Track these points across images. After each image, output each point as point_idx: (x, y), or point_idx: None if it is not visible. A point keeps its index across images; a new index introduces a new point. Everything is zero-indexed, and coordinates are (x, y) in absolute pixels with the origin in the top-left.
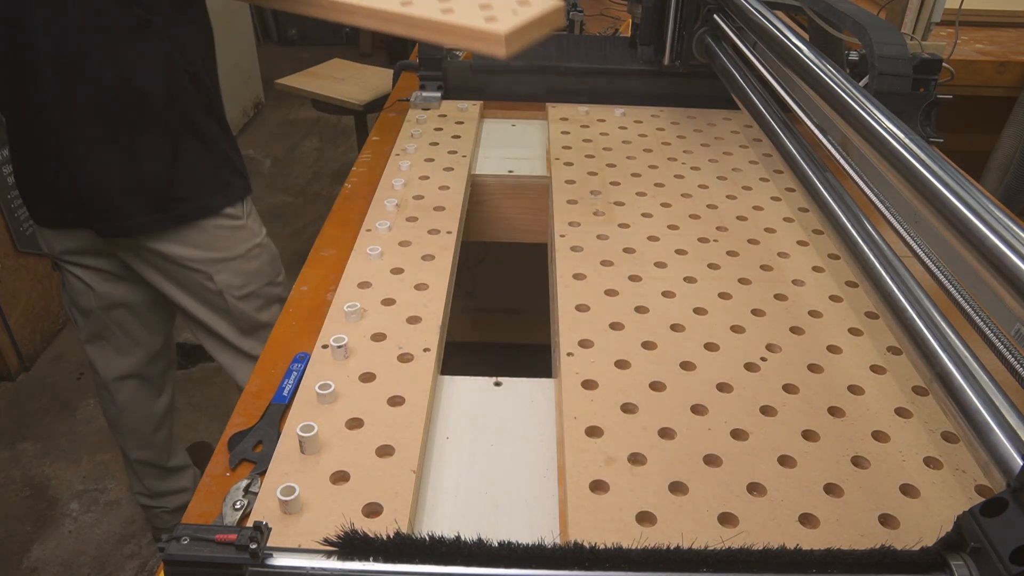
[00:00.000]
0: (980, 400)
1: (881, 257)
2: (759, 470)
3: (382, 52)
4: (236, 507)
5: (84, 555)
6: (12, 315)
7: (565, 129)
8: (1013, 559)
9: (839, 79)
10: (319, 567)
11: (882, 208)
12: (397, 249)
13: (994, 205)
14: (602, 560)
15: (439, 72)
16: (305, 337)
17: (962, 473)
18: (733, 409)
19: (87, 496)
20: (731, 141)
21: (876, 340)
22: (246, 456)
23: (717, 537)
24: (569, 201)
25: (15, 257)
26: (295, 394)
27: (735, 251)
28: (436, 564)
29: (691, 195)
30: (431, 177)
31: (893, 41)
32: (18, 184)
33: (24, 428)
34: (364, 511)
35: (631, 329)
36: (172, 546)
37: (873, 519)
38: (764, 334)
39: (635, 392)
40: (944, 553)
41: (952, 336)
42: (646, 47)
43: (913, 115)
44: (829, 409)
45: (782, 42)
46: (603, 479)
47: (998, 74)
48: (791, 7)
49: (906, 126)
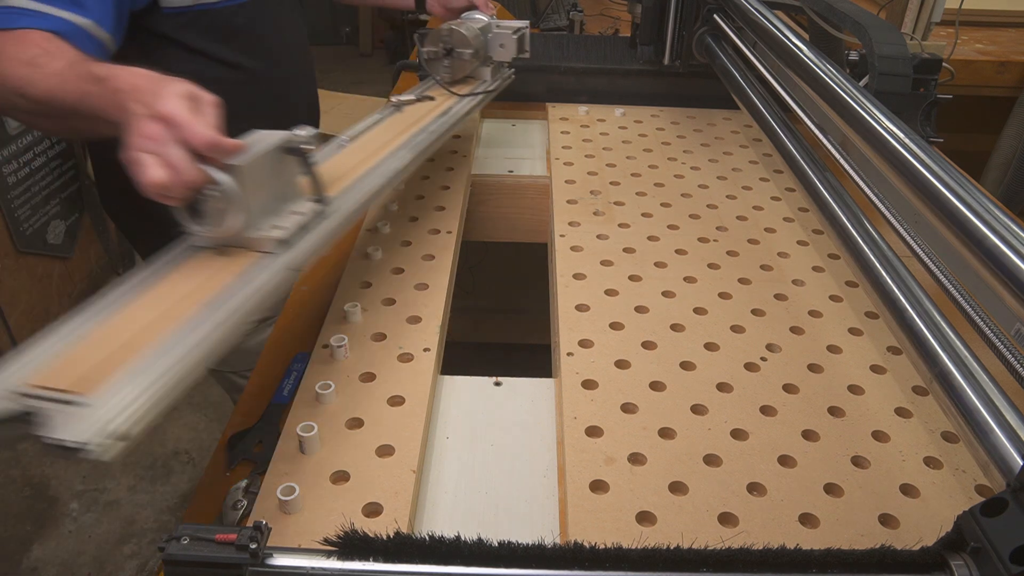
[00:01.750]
0: (980, 400)
1: (881, 257)
2: (759, 470)
3: (382, 52)
4: (236, 507)
5: (84, 555)
6: (12, 315)
7: (565, 129)
8: (1013, 559)
9: (839, 79)
10: (319, 567)
11: (882, 208)
12: (397, 249)
13: (994, 205)
14: (602, 560)
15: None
16: (305, 337)
17: (962, 473)
18: (733, 409)
19: (87, 496)
20: (731, 141)
21: (876, 340)
22: (246, 456)
23: (717, 537)
24: (569, 201)
25: (15, 257)
26: (295, 394)
27: (735, 251)
28: (436, 564)
29: (691, 195)
30: (431, 177)
31: (893, 41)
32: None
33: None
34: (364, 511)
35: (631, 329)
36: (172, 546)
37: (873, 519)
38: (764, 334)
39: (635, 392)
40: (944, 553)
41: (952, 336)
42: (646, 47)
43: (913, 115)
44: (829, 409)
45: (782, 42)
46: (603, 479)
47: (998, 74)
48: (791, 7)
49: (906, 126)
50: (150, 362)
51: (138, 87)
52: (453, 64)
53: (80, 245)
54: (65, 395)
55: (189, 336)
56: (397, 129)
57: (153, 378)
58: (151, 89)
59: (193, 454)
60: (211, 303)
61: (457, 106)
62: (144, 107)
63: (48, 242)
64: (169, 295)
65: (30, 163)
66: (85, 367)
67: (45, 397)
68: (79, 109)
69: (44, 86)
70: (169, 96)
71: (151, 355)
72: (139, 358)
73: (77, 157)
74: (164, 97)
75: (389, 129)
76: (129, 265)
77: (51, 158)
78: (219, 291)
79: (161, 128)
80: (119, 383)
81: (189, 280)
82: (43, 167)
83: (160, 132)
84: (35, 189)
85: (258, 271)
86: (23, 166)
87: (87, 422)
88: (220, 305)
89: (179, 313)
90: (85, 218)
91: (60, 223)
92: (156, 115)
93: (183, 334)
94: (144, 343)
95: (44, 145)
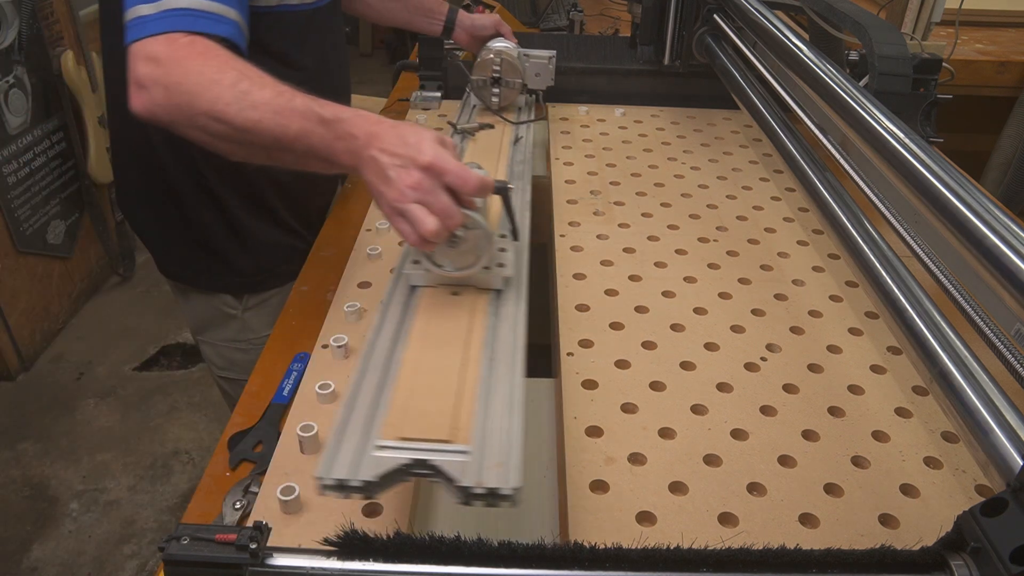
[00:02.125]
0: (980, 400)
1: (881, 257)
2: (759, 470)
3: (382, 52)
4: (236, 507)
5: (84, 555)
6: (12, 315)
7: (565, 129)
8: (1013, 559)
9: (839, 79)
10: (319, 567)
11: (882, 208)
12: (397, 249)
13: (994, 205)
14: (602, 560)
15: (439, 72)
16: (305, 337)
17: (962, 473)
18: (733, 409)
19: (87, 496)
20: (731, 141)
21: (876, 340)
22: (246, 456)
23: (717, 537)
24: (569, 201)
25: (15, 257)
26: (295, 394)
27: (735, 251)
28: (436, 564)
29: (691, 195)
30: None
31: (893, 41)
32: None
33: (24, 428)
34: (364, 511)
35: (631, 329)
36: (172, 546)
37: (873, 519)
38: (764, 334)
39: (635, 392)
40: (944, 553)
41: (952, 336)
42: (646, 47)
43: (913, 115)
44: (829, 409)
45: (782, 42)
46: (603, 479)
47: (998, 74)
48: (791, 7)
49: (906, 126)
50: (496, 411)
51: (376, 135)
52: (503, 92)
53: (80, 245)
54: (447, 445)
55: (504, 380)
56: (485, 159)
57: (509, 426)
58: (399, 139)
59: (193, 454)
60: (490, 343)
61: (523, 133)
62: (397, 158)
63: (48, 242)
64: (445, 339)
65: (30, 163)
66: (440, 417)
67: (427, 448)
68: (292, 145)
69: (251, 116)
70: (427, 143)
71: (488, 403)
72: (479, 406)
73: (77, 157)
74: (422, 146)
75: (479, 158)
76: (129, 265)
77: (51, 158)
78: (486, 331)
79: (426, 177)
80: (481, 432)
81: (451, 322)
82: (43, 167)
83: (425, 181)
84: (35, 189)
85: (507, 307)
86: (23, 166)
87: (484, 471)
88: (504, 347)
89: (473, 355)
90: (85, 218)
91: (60, 223)
92: (420, 165)
93: (500, 378)
94: (471, 391)
95: (44, 145)
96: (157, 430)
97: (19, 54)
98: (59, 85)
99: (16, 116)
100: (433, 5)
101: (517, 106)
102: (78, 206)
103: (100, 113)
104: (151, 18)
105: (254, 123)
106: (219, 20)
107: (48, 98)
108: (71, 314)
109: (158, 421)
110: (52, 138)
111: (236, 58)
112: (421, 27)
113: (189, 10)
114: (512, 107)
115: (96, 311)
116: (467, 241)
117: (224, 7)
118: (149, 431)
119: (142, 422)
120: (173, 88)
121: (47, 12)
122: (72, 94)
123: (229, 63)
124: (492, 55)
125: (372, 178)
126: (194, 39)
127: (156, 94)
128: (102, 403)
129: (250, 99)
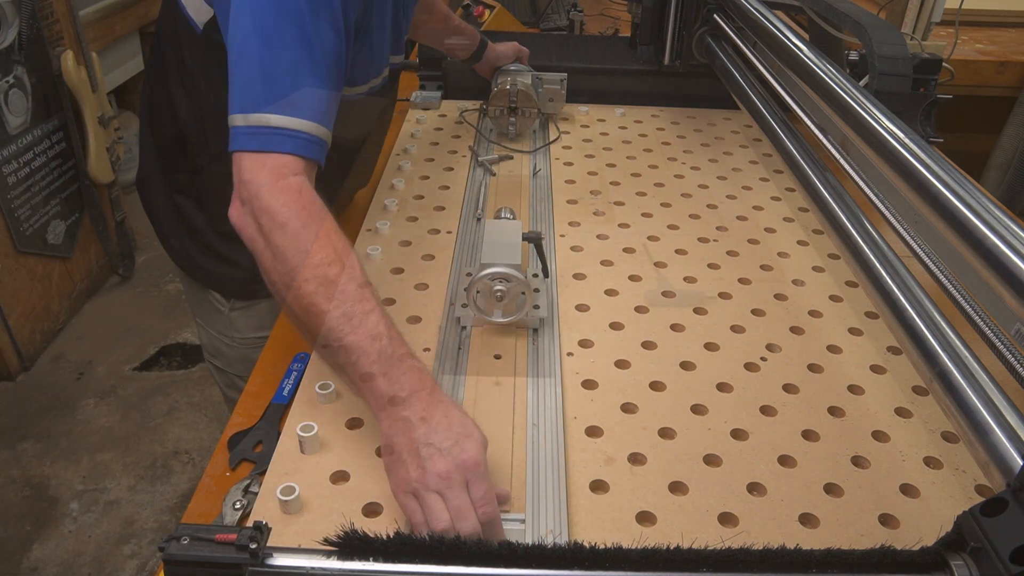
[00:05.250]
0: (980, 400)
1: (881, 257)
2: (759, 470)
3: None
4: (236, 507)
5: (84, 555)
6: (12, 315)
7: (565, 129)
8: (1013, 559)
9: (839, 79)
10: (319, 567)
11: (882, 208)
12: (397, 249)
13: (994, 205)
14: (602, 560)
15: (439, 72)
16: None
17: (962, 473)
18: (733, 409)
19: (87, 496)
20: (731, 141)
21: (876, 340)
22: (246, 456)
23: (717, 537)
24: (569, 201)
25: (15, 257)
26: (295, 394)
27: (735, 251)
28: (436, 564)
29: (691, 195)
30: (431, 177)
31: (893, 41)
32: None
33: (24, 428)
34: (364, 511)
35: (631, 329)
36: (172, 546)
37: (873, 519)
38: (764, 334)
39: (635, 392)
40: (944, 553)
41: (952, 336)
42: (646, 47)
43: (913, 115)
44: (829, 409)
45: (782, 42)
46: (603, 479)
47: (998, 74)
48: (791, 7)
49: (906, 126)
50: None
51: (426, 401)
52: (519, 121)
53: (80, 245)
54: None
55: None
56: (510, 200)
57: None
58: (446, 419)
59: (193, 454)
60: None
61: (539, 162)
62: (437, 438)
63: (48, 242)
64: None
65: (30, 163)
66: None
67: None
68: (336, 350)
69: (321, 306)
70: (474, 442)
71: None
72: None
73: (77, 157)
74: (467, 443)
75: (504, 201)
76: (129, 265)
77: (51, 158)
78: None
79: (457, 471)
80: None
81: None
82: (43, 167)
83: (455, 475)
84: (35, 189)
85: (545, 343)
86: (23, 166)
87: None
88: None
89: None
90: (85, 218)
91: (60, 223)
92: (459, 459)
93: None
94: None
95: (44, 145)
96: (157, 430)
97: (19, 54)
98: (59, 85)
99: (16, 116)
100: (466, 30)
101: (532, 128)
102: (78, 206)
103: (100, 113)
104: (270, 132)
105: (318, 312)
106: (296, 138)
107: (48, 98)
108: (71, 314)
109: (158, 421)
110: (52, 138)
111: (335, 229)
112: (455, 52)
113: (263, 128)
114: (527, 132)
115: (96, 311)
116: (508, 294)
117: (302, 120)
118: (149, 431)
119: (142, 422)
120: (273, 247)
121: (47, 12)
122: (72, 94)
123: (330, 237)
124: (508, 85)
125: (398, 442)
126: (302, 181)
127: (252, 231)
128: (102, 403)
129: (332, 290)
